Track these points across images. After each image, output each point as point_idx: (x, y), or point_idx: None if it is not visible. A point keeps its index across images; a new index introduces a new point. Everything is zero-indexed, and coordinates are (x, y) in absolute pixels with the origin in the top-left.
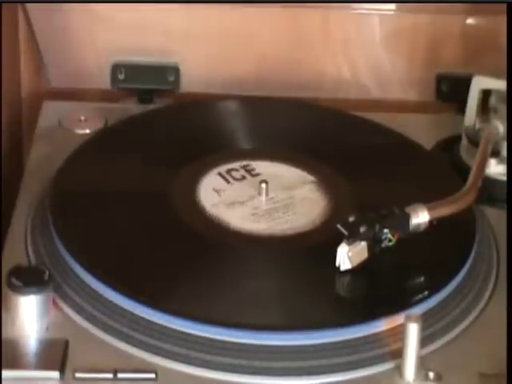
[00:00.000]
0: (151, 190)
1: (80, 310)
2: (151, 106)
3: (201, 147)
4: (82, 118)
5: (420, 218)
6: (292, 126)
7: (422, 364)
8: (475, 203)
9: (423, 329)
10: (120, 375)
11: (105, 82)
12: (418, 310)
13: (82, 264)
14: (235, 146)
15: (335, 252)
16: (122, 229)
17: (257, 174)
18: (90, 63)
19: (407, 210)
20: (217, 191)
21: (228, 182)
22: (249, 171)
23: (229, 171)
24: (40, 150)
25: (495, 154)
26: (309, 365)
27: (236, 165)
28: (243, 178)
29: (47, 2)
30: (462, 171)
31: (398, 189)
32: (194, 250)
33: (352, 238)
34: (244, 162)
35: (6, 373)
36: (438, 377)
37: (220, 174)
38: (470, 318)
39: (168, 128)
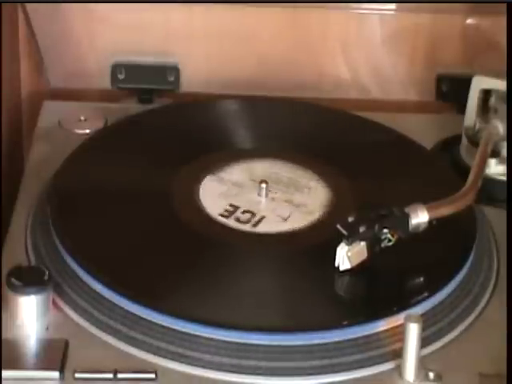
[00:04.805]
0: (151, 189)
1: (80, 310)
2: (151, 106)
3: (201, 147)
4: (82, 118)
5: (420, 217)
6: (292, 125)
7: (422, 364)
8: (475, 203)
9: (423, 329)
10: (120, 375)
11: (105, 82)
12: (418, 309)
13: (81, 264)
14: (235, 146)
15: (335, 252)
16: (122, 229)
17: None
18: (90, 63)
19: (407, 209)
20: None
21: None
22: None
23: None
24: (40, 150)
25: (495, 154)
26: (308, 365)
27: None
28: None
29: (47, 2)
30: (462, 171)
31: (398, 189)
32: (194, 249)
33: (351, 238)
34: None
35: (5, 373)
36: (438, 377)
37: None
38: (470, 318)
39: (168, 128)
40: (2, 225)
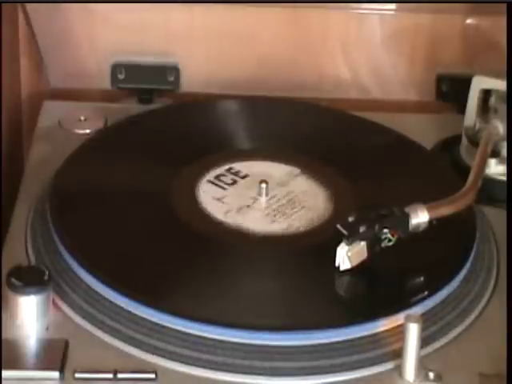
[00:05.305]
0: (151, 189)
1: (80, 310)
2: (151, 106)
3: (201, 147)
4: (82, 118)
5: (420, 217)
6: (292, 126)
7: (422, 364)
8: (475, 203)
9: (424, 329)
10: (120, 375)
11: (105, 82)
12: (417, 309)
13: (81, 264)
14: (235, 146)
15: (335, 252)
16: (122, 229)
17: (245, 176)
18: (90, 63)
19: (407, 209)
20: (216, 197)
21: (223, 188)
22: (236, 174)
23: (217, 177)
24: (40, 150)
25: (495, 154)
26: (309, 365)
27: (223, 169)
28: (234, 182)
29: (47, 2)
30: (462, 171)
31: (398, 189)
32: (194, 249)
33: (351, 237)
34: (227, 166)
35: (5, 373)
36: (438, 377)
37: (211, 182)
38: (470, 318)
39: (168, 128)
40: (2, 225)
